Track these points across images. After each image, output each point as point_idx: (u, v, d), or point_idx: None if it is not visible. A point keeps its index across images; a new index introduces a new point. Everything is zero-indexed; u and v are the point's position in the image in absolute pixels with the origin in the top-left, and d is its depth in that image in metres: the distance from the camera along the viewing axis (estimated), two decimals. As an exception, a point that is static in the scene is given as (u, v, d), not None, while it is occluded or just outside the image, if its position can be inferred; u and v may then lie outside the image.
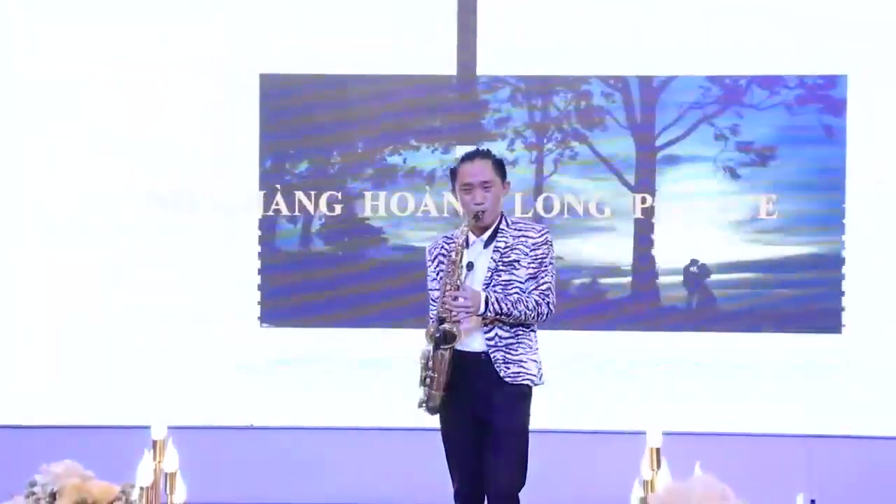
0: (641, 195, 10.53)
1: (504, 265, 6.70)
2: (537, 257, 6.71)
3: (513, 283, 6.67)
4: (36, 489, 4.54)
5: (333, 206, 10.61)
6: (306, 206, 10.64)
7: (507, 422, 6.75)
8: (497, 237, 6.75)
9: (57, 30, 10.54)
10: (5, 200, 10.58)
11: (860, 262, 10.32)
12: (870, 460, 9.95)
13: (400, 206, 10.43)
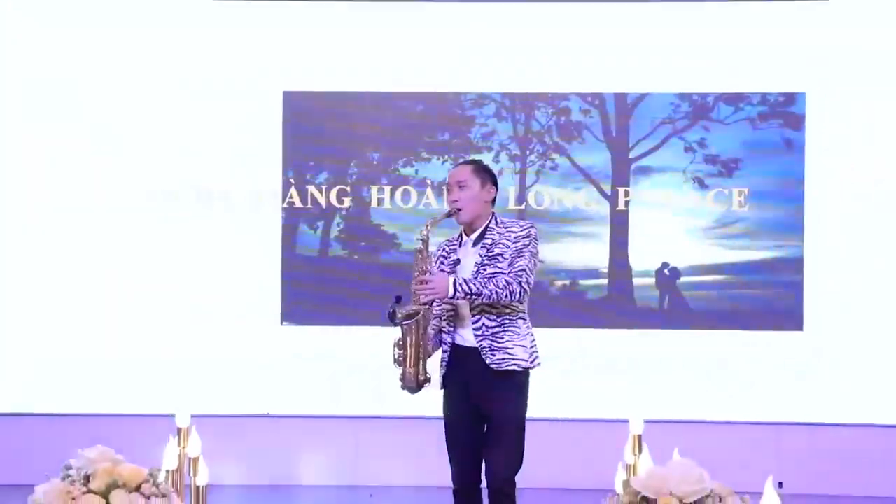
0: (617, 203, 10.56)
1: (489, 259, 6.55)
2: (517, 248, 6.52)
3: (498, 275, 6.59)
4: (71, 472, 4.56)
5: (350, 215, 10.67)
6: (325, 214, 10.68)
7: (503, 411, 6.63)
8: (485, 236, 6.71)
9: (113, 53, 10.55)
10: (50, 200, 10.56)
11: (819, 265, 10.37)
12: (830, 445, 10.00)
13: (412, 216, 10.38)
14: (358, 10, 10.56)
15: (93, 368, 10.31)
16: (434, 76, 10.61)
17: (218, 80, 10.58)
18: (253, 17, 10.57)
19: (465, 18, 10.56)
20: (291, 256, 10.64)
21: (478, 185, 6.65)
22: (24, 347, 10.45)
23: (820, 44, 10.39)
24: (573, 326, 10.24)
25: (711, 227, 10.56)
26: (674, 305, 10.57)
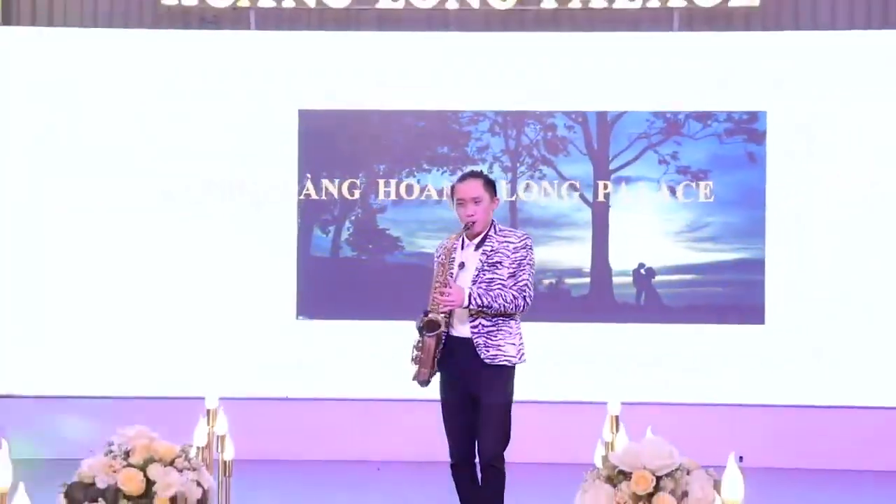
0: (598, 209, 10.57)
1: (489, 265, 6.66)
2: (517, 259, 6.65)
3: (495, 280, 6.64)
4: (113, 448, 4.60)
5: (359, 220, 10.67)
6: (336, 220, 10.69)
7: (492, 398, 6.69)
8: (486, 242, 6.74)
9: (150, 76, 10.56)
10: (96, 196, 10.54)
11: (779, 265, 10.39)
12: (786, 424, 10.05)
13: (416, 220, 10.51)
14: (364, 39, 10.60)
15: (130, 356, 10.32)
16: (434, 96, 10.61)
17: (244, 100, 10.58)
18: (273, 44, 10.59)
19: (462, 46, 10.58)
20: (306, 257, 10.64)
21: (488, 198, 6.72)
22: (70, 337, 10.42)
23: (778, 68, 10.40)
24: (559, 321, 10.20)
25: (683, 231, 10.56)
26: (649, 301, 10.58)
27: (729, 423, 9.60)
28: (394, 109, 10.68)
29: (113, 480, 4.54)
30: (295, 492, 9.03)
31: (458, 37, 10.59)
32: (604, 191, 10.61)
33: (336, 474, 9.66)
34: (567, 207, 10.64)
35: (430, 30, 10.60)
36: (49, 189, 10.59)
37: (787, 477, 9.00)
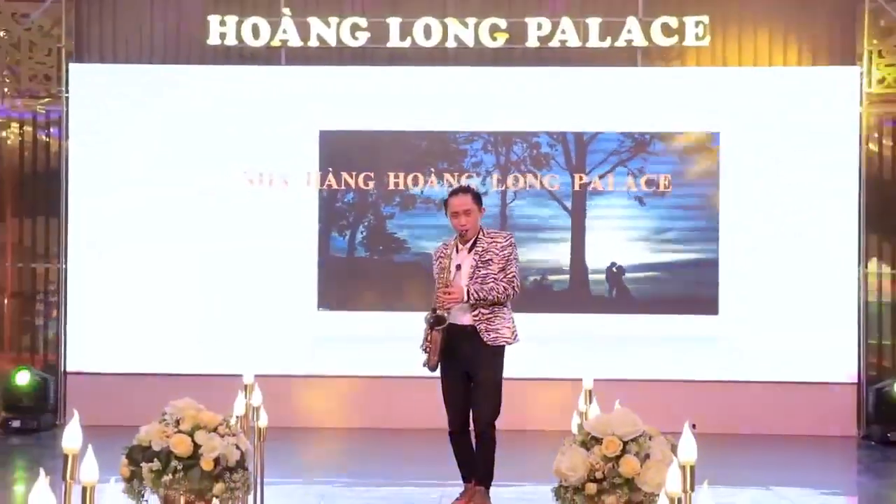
0: (576, 216, 10.56)
1: (482, 263, 6.74)
2: (505, 255, 6.74)
3: (489, 275, 6.73)
4: (167, 417, 4.66)
5: (370, 225, 10.66)
6: (351, 225, 10.67)
7: (488, 375, 6.78)
8: (477, 244, 6.84)
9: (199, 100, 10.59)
10: (151, 196, 10.53)
11: (730, 264, 10.39)
12: (733, 397, 10.10)
13: (420, 225, 10.48)
14: (377, 72, 10.60)
15: (180, 340, 10.35)
16: (435, 119, 10.60)
17: (275, 122, 10.58)
18: (299, 76, 10.61)
19: (459, 77, 10.56)
20: (326, 257, 10.61)
21: (476, 209, 6.83)
22: (129, 325, 10.43)
23: (728, 96, 10.41)
24: (543, 311, 10.10)
25: (648, 235, 10.54)
26: (620, 295, 10.56)
27: (685, 396, 9.57)
28: (400, 130, 10.67)
29: (166, 444, 4.58)
30: (317, 453, 9.06)
31: (456, 70, 10.59)
32: (581, 200, 10.57)
33: (351, 439, 9.70)
34: (549, 215, 10.61)
35: (432, 65, 10.60)
36: (114, 197, 10.59)
37: (733, 441, 9.01)
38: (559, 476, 4.54)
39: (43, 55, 10.58)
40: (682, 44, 10.42)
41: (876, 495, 8.25)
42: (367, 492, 7.86)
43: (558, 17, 10.44)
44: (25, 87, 10.60)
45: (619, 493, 4.40)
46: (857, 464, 9.52)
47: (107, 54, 10.82)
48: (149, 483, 4.60)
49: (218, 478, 4.61)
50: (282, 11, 10.51)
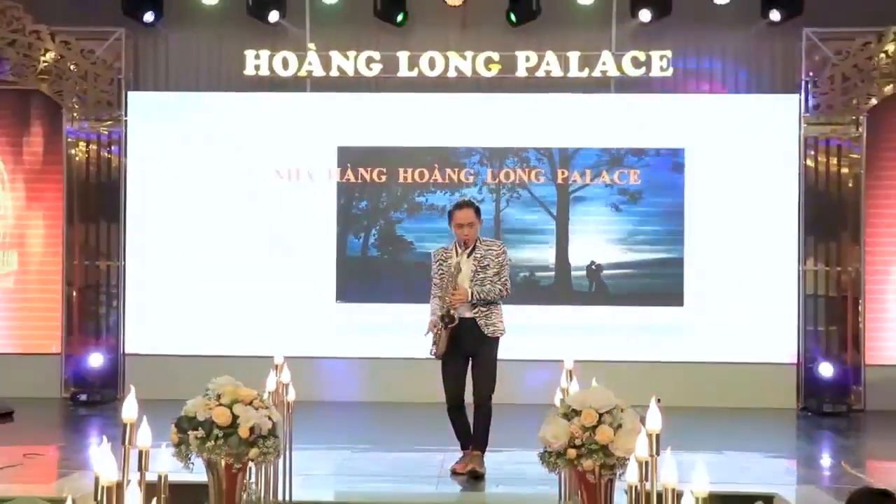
0: (560, 221, 10.56)
1: (480, 268, 6.92)
2: (499, 262, 6.97)
3: (486, 278, 6.90)
4: (209, 392, 4.67)
5: (382, 229, 10.65)
6: (365, 228, 10.66)
7: (487, 358, 6.96)
8: (475, 250, 6.98)
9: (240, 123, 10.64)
10: (192, 195, 10.61)
11: (693, 263, 10.40)
12: (695, 375, 10.08)
13: (424, 228, 10.46)
14: (388, 98, 10.61)
15: (220, 327, 10.38)
16: (438, 137, 10.62)
17: (301, 139, 10.61)
18: (322, 101, 10.62)
19: (459, 102, 10.60)
20: (342, 257, 10.60)
21: (477, 221, 7.08)
22: (177, 314, 10.50)
23: (691, 118, 10.44)
24: (531, 304, 10.11)
25: (623, 237, 10.53)
26: (598, 289, 10.54)
27: (652, 375, 9.49)
28: (408, 146, 10.65)
29: (209, 415, 4.60)
30: (337, 423, 9.07)
31: (456, 96, 10.61)
32: (564, 207, 10.57)
33: (365, 411, 9.70)
34: (537, 219, 10.60)
35: (436, 91, 10.60)
36: (164, 204, 10.67)
37: (692, 413, 9.00)
38: (544, 443, 4.56)
39: (106, 85, 10.61)
40: (649, 74, 10.40)
41: (811, 457, 8.36)
42: (380, 456, 7.93)
43: (543, 51, 10.44)
44: (91, 112, 10.62)
45: (595, 458, 4.42)
46: (797, 431, 9.54)
47: (159, 83, 10.86)
48: (194, 448, 4.62)
49: (253, 444, 4.63)
50: (307, 46, 10.52)
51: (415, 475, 7.13)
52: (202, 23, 10.66)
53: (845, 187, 10.38)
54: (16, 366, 10.47)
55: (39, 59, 10.52)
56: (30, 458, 7.56)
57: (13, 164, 10.79)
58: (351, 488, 6.95)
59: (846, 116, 10.31)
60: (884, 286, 10.44)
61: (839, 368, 10.16)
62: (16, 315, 10.78)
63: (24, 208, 10.81)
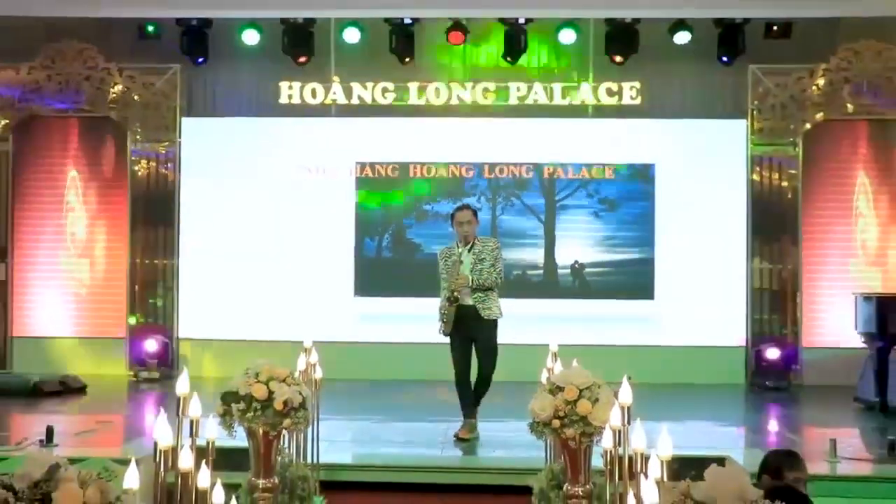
0: (548, 226, 10.53)
1: (478, 260, 6.98)
2: (494, 255, 7.02)
3: (483, 269, 6.97)
4: (249, 371, 4.67)
5: (394, 233, 10.61)
6: (379, 232, 10.62)
7: (487, 339, 7.07)
8: (474, 246, 7.04)
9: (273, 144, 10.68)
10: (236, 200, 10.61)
11: (663, 262, 10.38)
12: (661, 357, 10.04)
13: (431, 233, 10.41)
14: (400, 121, 10.58)
15: (259, 315, 10.34)
16: (443, 154, 10.60)
17: (325, 155, 10.61)
18: (344, 124, 10.59)
19: (461, 124, 10.56)
20: (360, 256, 10.58)
21: (475, 221, 7.16)
22: (222, 304, 10.48)
23: (659, 139, 10.41)
24: (524, 297, 10.07)
25: (602, 240, 10.50)
26: (580, 285, 10.50)
27: (625, 357, 9.33)
28: (417, 161, 10.62)
29: (249, 391, 4.58)
30: (357, 398, 9.05)
31: (458, 120, 10.58)
32: (551, 214, 10.55)
33: (380, 388, 9.66)
34: (528, 224, 10.56)
35: (441, 116, 10.58)
36: (211, 212, 10.66)
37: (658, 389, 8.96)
38: (533, 414, 4.54)
39: (163, 112, 10.64)
40: (622, 102, 10.41)
41: (757, 425, 8.33)
42: (392, 426, 7.92)
43: (532, 82, 10.46)
44: (151, 134, 10.66)
45: (576, 427, 4.39)
46: (745, 403, 9.55)
47: (208, 110, 10.86)
48: (237, 418, 4.60)
49: (286, 415, 4.61)
50: (332, 79, 10.54)
51: (422, 441, 7.13)
52: (244, 59, 10.65)
53: (785, 198, 10.39)
54: (88, 348, 10.53)
55: (109, 91, 10.60)
56: (100, 426, 7.64)
57: (87, 178, 10.81)
58: (368, 452, 6.96)
59: (785, 138, 10.37)
60: (818, 280, 10.43)
61: (780, 350, 10.17)
62: (88, 305, 10.78)
63: (95, 215, 10.82)
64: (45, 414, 8.06)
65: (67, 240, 10.76)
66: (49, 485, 2.53)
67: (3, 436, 6.97)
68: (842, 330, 9.65)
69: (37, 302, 10.74)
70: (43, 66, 10.56)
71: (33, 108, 10.62)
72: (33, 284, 10.75)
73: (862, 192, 10.43)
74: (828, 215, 10.45)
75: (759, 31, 10.18)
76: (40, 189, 10.77)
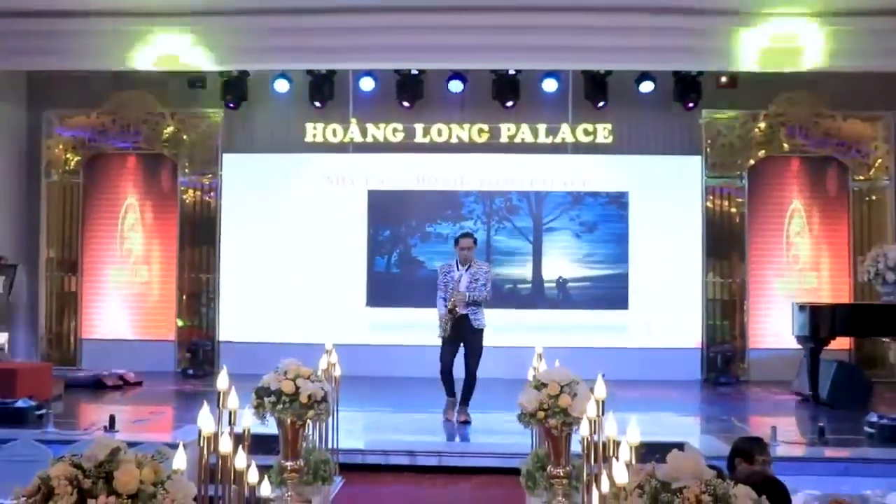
0: (535, 246, 10.46)
1: (473, 280, 7.17)
2: (486, 277, 7.21)
3: (477, 287, 7.12)
4: (278, 369, 4.70)
5: (401, 252, 10.54)
6: (388, 251, 10.56)
7: (475, 341, 7.19)
8: (471, 267, 7.20)
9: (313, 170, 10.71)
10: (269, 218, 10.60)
11: (636, 276, 10.32)
12: (630, 357, 9.96)
13: (433, 251, 10.33)
14: (408, 156, 10.53)
15: (287, 320, 10.28)
16: (443, 183, 10.55)
17: (343, 185, 10.55)
18: (359, 158, 10.56)
19: (459, 158, 10.51)
20: (372, 271, 10.50)
21: (474, 247, 7.26)
22: (256, 312, 10.45)
23: (631, 171, 10.39)
24: (513, 308, 10.09)
25: (583, 258, 10.41)
26: (564, 297, 10.41)
27: (599, 357, 9.25)
28: (421, 189, 10.57)
29: (279, 386, 4.61)
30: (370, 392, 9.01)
31: (457, 155, 10.55)
32: (539, 235, 10.49)
33: (389, 384, 9.59)
34: (518, 245, 10.50)
35: (443, 152, 10.56)
36: (247, 233, 10.62)
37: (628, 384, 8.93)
38: (521, 407, 4.56)
39: (208, 149, 10.65)
40: (596, 140, 10.43)
41: (711, 415, 8.28)
42: (400, 416, 7.93)
43: (520, 124, 10.48)
44: (197, 168, 10.67)
45: (558, 417, 4.42)
46: (700, 396, 9.46)
47: (244, 147, 10.82)
48: (268, 410, 4.62)
49: (310, 407, 4.63)
50: (350, 120, 10.55)
51: (425, 429, 7.12)
52: (275, 104, 10.65)
53: (734, 222, 10.40)
54: (143, 349, 10.48)
55: (163, 131, 10.64)
56: (154, 415, 7.63)
57: (143, 205, 10.81)
58: (379, 438, 6.94)
59: (733, 172, 10.40)
60: (761, 292, 10.41)
61: (730, 351, 10.16)
62: (143, 312, 10.75)
63: (150, 236, 10.82)
64: (107, 404, 8.05)
65: (127, 256, 10.76)
66: (111, 465, 2.55)
67: (73, 422, 6.98)
68: (781, 334, 9.62)
69: (101, 309, 10.72)
70: (109, 112, 10.64)
71: (100, 146, 10.69)
72: (98, 294, 10.73)
73: (797, 216, 10.47)
74: (769, 236, 10.46)
75: (711, 82, 10.22)
76: (105, 214, 10.79)
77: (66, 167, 10.66)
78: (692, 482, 2.47)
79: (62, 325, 10.62)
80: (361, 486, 5.85)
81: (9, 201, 10.50)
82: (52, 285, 10.63)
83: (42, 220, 10.65)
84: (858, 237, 10.21)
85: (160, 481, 2.56)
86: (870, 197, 10.30)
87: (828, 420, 7.04)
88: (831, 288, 10.32)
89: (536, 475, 4.62)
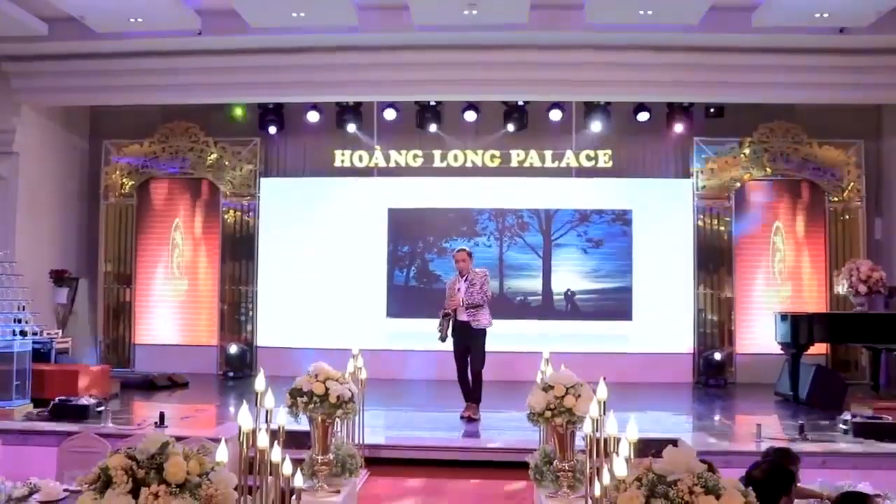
0: (545, 260, 10.38)
1: (470, 286, 7.18)
2: (482, 281, 7.21)
3: (474, 292, 7.12)
4: (310, 373, 4.70)
5: (419, 266, 10.48)
6: (407, 266, 10.48)
7: (477, 343, 7.17)
8: (469, 277, 7.22)
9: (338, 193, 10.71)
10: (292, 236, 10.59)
11: (639, 289, 10.23)
12: (630, 362, 9.90)
13: (449, 266, 10.23)
14: (425, 180, 10.52)
15: (318, 329, 10.21)
16: (459, 201, 10.51)
17: (368, 204, 10.53)
18: (381, 181, 10.55)
19: (473, 181, 10.48)
20: (391, 284, 10.45)
21: (469, 259, 7.25)
22: (289, 320, 10.41)
23: (632, 192, 10.33)
24: (524, 319, 10.06)
25: (590, 272, 10.32)
26: (572, 309, 10.31)
27: (601, 362, 9.19)
28: (438, 207, 10.54)
29: (310, 387, 4.62)
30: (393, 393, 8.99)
31: (472, 179, 10.53)
32: (548, 250, 10.41)
33: (410, 385, 9.59)
34: (529, 259, 10.42)
35: (458, 176, 10.55)
36: (282, 249, 10.62)
37: (627, 386, 8.92)
38: (530, 407, 4.55)
39: (247, 174, 10.71)
40: (597, 165, 10.41)
41: (702, 413, 8.22)
42: (419, 414, 7.89)
43: (528, 150, 10.47)
44: (238, 191, 10.73)
45: (563, 416, 4.40)
46: (692, 397, 9.35)
47: (280, 172, 10.88)
48: (301, 409, 4.62)
49: (339, 406, 4.63)
50: (375, 147, 10.58)
51: (443, 427, 7.09)
52: (307, 132, 10.68)
53: (722, 239, 10.35)
54: (188, 353, 10.51)
55: (207, 158, 10.74)
56: (198, 413, 7.65)
57: (190, 224, 10.88)
58: (401, 434, 6.91)
59: (721, 193, 10.37)
60: (747, 302, 10.32)
61: (720, 356, 10.06)
62: (189, 320, 10.78)
63: (195, 252, 10.86)
64: (157, 402, 8.11)
65: (174, 270, 10.81)
66: (161, 457, 2.59)
67: (128, 418, 7.01)
68: (765, 340, 9.60)
69: (152, 317, 10.78)
70: (159, 141, 10.78)
71: (151, 172, 10.82)
72: (150, 304, 10.79)
73: (778, 233, 10.40)
74: (754, 252, 10.40)
75: (701, 111, 10.25)
76: (155, 232, 10.87)
77: (121, 191, 10.78)
78: (685, 475, 2.46)
79: (118, 332, 10.70)
80: (384, 477, 5.85)
81: (73, 222, 10.72)
82: (109, 296, 10.72)
83: (101, 239, 10.78)
84: (834, 253, 10.18)
85: (204, 472, 2.60)
86: (844, 216, 10.27)
87: (807, 418, 7.03)
88: (810, 299, 10.24)
89: (544, 469, 4.59)
